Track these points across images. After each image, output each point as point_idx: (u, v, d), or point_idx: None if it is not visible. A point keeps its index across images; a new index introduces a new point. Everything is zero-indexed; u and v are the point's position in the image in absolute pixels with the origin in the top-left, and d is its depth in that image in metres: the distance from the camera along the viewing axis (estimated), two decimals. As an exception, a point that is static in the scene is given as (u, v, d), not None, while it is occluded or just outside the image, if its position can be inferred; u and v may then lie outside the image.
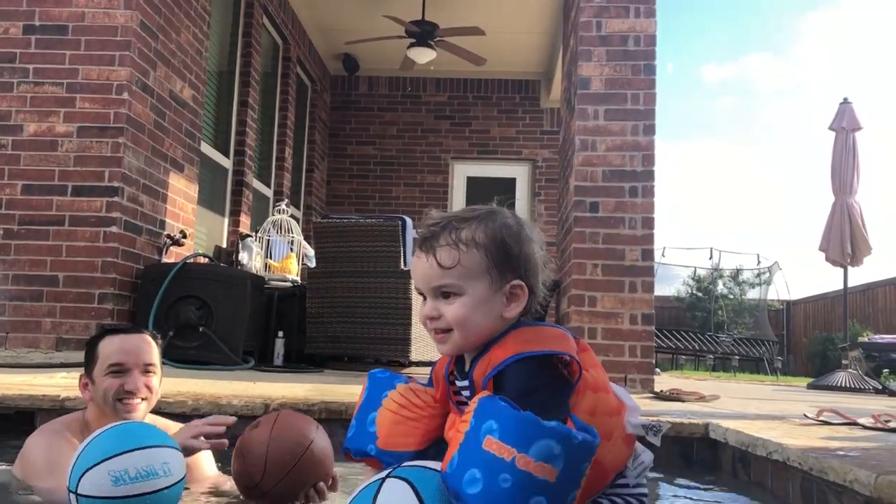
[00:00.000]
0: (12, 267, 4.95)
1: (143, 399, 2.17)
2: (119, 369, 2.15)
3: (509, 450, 1.09)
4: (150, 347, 2.24)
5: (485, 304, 1.29)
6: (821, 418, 3.20)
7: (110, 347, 2.18)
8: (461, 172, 10.82)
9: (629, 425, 1.30)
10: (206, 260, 6.07)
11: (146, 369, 2.19)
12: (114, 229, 4.99)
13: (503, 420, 1.12)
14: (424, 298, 1.34)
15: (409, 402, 1.36)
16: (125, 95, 5.08)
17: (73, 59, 5.11)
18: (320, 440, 1.91)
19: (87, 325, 4.89)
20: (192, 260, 5.56)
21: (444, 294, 1.30)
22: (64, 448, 2.07)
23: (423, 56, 8.74)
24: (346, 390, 3.75)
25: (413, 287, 5.42)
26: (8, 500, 2.04)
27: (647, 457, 1.33)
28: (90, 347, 2.23)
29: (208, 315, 5.21)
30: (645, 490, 1.35)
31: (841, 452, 2.22)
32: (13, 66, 5.10)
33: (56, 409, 2.93)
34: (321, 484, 1.91)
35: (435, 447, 1.32)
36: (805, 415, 3.34)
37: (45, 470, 2.04)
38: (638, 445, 1.33)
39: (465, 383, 1.32)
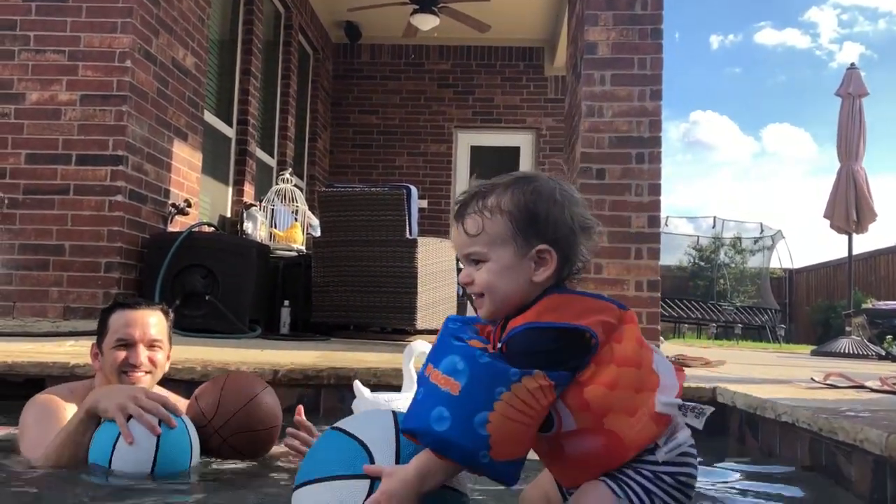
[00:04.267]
0: (18, 236, 4.95)
1: (146, 373, 2.23)
2: (125, 343, 2.21)
3: (429, 367, 1.24)
4: (159, 323, 2.28)
5: (511, 269, 1.31)
6: (828, 382, 3.21)
7: (119, 321, 2.24)
8: (465, 141, 10.77)
9: (659, 403, 1.25)
10: (212, 229, 6.06)
11: (151, 344, 2.24)
12: (119, 198, 4.98)
13: (437, 342, 1.28)
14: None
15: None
16: (128, 63, 5.04)
17: (74, 26, 5.06)
18: (266, 395, 2.18)
19: (94, 294, 4.90)
20: (197, 229, 5.55)
21: (475, 261, 1.34)
22: (57, 406, 2.17)
23: (427, 23, 8.66)
24: (353, 357, 3.77)
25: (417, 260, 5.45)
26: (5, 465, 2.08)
27: (682, 436, 1.29)
28: (102, 319, 2.29)
29: (214, 284, 5.21)
30: (686, 470, 1.30)
31: (850, 413, 2.23)
32: (14, 34, 5.05)
33: (65, 376, 2.95)
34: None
35: None
36: (812, 378, 3.35)
37: (34, 422, 2.12)
38: (680, 425, 1.30)
39: None
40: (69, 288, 4.91)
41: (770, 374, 4.02)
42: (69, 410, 2.15)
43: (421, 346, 2.84)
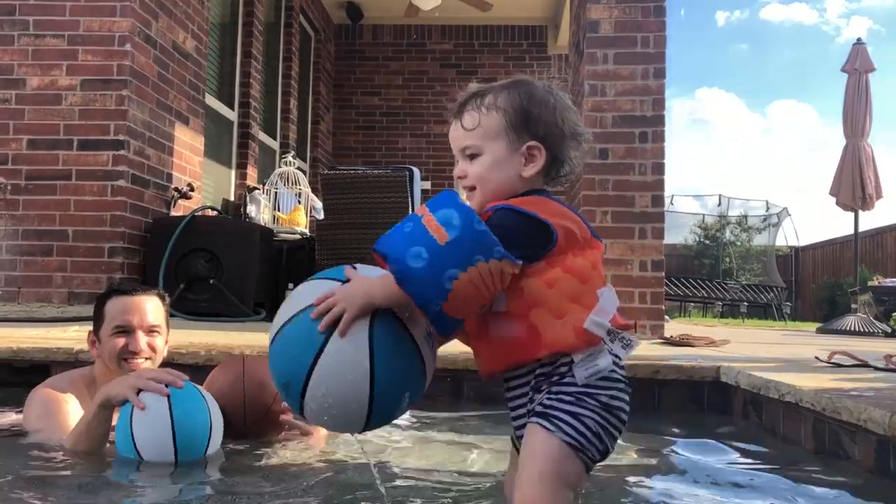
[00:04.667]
0: (22, 222, 4.96)
1: (146, 359, 2.22)
2: (123, 330, 2.20)
3: (424, 209, 1.31)
4: (156, 308, 2.27)
5: (502, 162, 1.41)
6: (832, 360, 3.20)
7: (116, 308, 2.22)
8: (468, 122, 10.70)
9: (589, 321, 1.30)
10: (215, 213, 6.06)
11: (150, 330, 2.23)
12: (121, 183, 4.97)
13: (439, 195, 1.34)
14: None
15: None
16: (127, 47, 5.01)
17: (73, 9, 5.03)
18: (249, 369, 2.18)
19: (98, 278, 4.91)
20: (200, 213, 5.55)
21: (470, 155, 1.44)
22: (58, 398, 2.16)
23: (428, 3, 8.58)
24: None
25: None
26: (8, 444, 2.11)
27: (603, 362, 1.31)
28: (98, 306, 2.27)
29: (218, 268, 5.22)
30: (610, 392, 1.31)
31: (854, 393, 2.22)
32: (13, 19, 5.03)
33: (70, 361, 2.96)
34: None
35: None
36: (816, 357, 3.34)
37: (37, 419, 2.13)
38: (602, 351, 1.32)
39: None
40: (73, 273, 4.92)
41: (775, 353, 4.01)
42: (71, 402, 2.15)
43: None
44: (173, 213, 5.58)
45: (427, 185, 9.80)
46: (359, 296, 1.33)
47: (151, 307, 2.25)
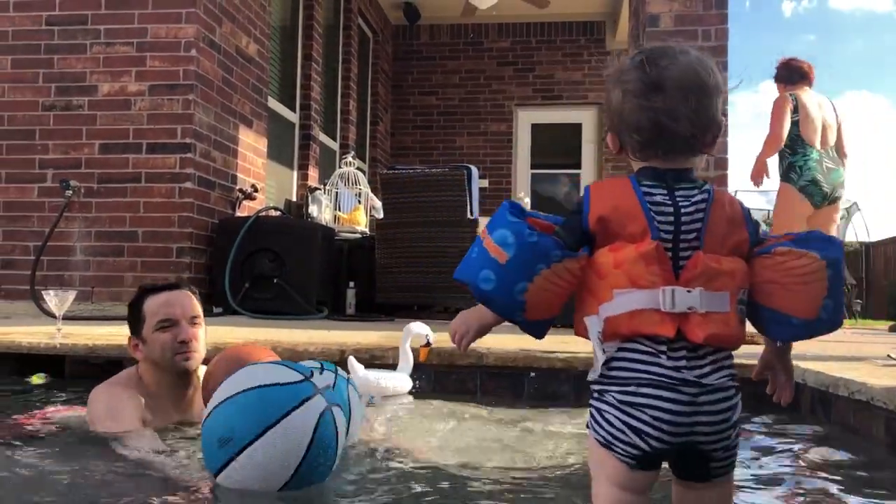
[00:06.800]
0: (94, 224, 5.15)
1: (195, 352, 2.24)
2: (169, 324, 2.21)
3: (484, 232, 1.36)
4: (193, 301, 2.29)
5: None
6: (905, 359, 3.10)
7: (155, 304, 2.23)
8: (525, 120, 10.67)
9: (588, 318, 1.32)
10: (278, 213, 6.18)
11: (193, 321, 2.26)
12: (188, 185, 5.12)
13: (494, 214, 1.37)
14: None
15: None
16: (193, 52, 5.15)
17: (141, 18, 5.20)
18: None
19: (167, 278, 5.03)
20: (264, 213, 5.67)
21: None
22: (121, 395, 2.21)
23: (485, 1, 8.58)
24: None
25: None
26: (76, 444, 2.16)
27: (597, 363, 1.30)
28: (135, 309, 2.28)
29: (282, 267, 5.33)
30: (629, 389, 1.26)
31: (928, 391, 2.15)
32: (86, 28, 5.22)
33: (143, 357, 3.06)
34: None
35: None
36: (889, 356, 3.24)
37: (106, 415, 2.17)
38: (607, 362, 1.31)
39: None
40: (143, 273, 5.08)
41: (844, 351, 3.90)
42: (131, 400, 2.20)
43: (417, 328, 2.95)
44: (238, 213, 5.71)
45: (485, 183, 9.81)
46: (474, 319, 1.42)
47: (189, 300, 2.28)
